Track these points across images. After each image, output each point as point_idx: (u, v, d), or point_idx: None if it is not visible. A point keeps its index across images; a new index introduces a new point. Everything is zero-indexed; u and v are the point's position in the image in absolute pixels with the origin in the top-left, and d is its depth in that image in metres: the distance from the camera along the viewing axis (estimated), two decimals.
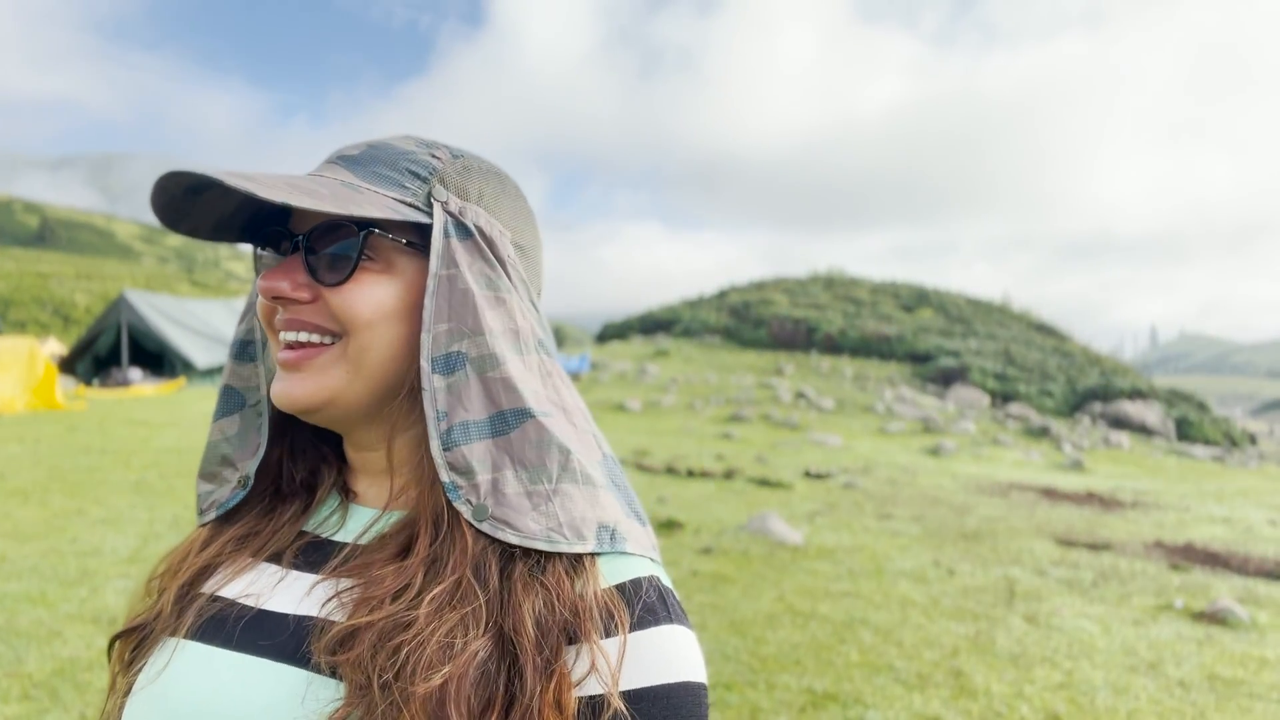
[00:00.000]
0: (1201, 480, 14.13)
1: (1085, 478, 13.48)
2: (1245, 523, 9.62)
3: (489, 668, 0.61)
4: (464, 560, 0.66)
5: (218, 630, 0.70)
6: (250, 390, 0.82)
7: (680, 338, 33.09)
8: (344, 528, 0.77)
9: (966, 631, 5.07)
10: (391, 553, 0.70)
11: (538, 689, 0.60)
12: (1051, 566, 6.87)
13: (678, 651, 0.65)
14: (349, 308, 0.72)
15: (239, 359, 0.83)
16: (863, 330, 30.40)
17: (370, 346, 0.72)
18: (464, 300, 0.72)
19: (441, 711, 0.58)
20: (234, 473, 0.81)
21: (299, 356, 0.73)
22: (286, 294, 0.72)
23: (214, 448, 0.82)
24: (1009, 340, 30.74)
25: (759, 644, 4.64)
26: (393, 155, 0.75)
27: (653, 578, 0.68)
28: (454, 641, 0.61)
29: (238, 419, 0.81)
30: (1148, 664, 4.68)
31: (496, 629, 0.62)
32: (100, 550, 5.71)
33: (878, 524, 8.29)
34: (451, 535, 0.68)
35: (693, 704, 0.64)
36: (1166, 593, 6.21)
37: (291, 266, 0.73)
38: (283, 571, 0.74)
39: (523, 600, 0.63)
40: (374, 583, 0.67)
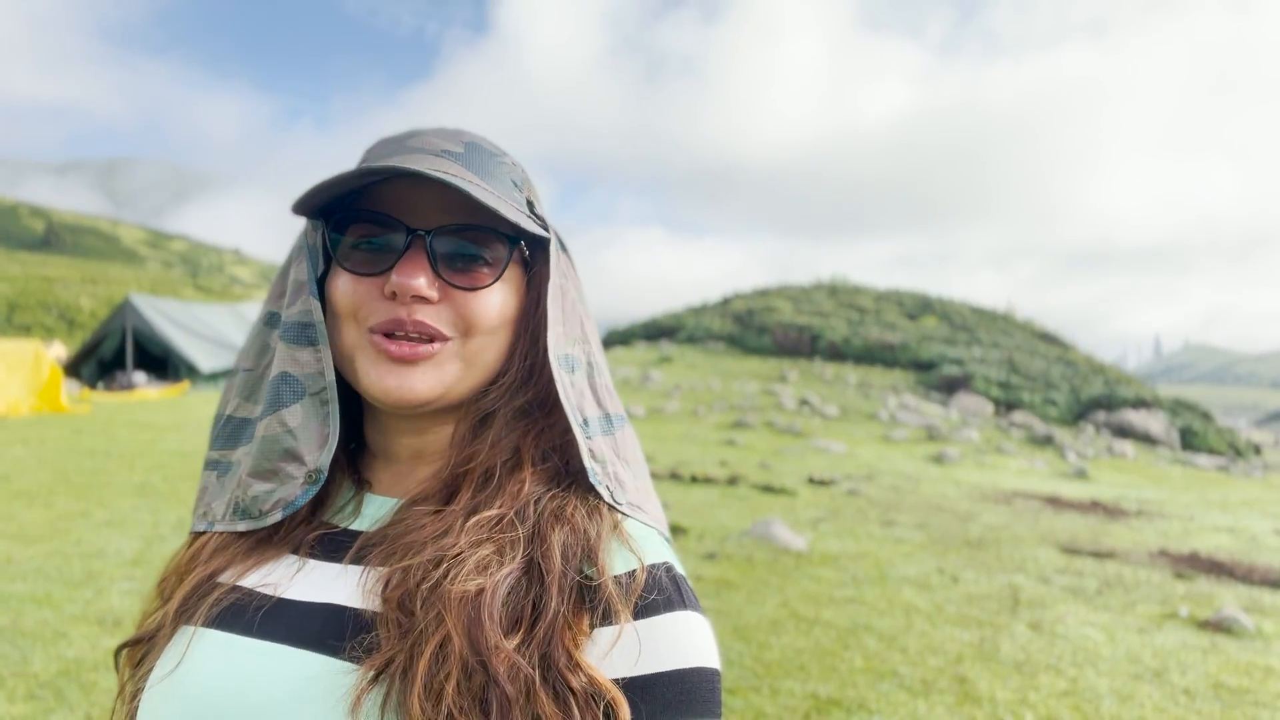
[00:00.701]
0: (1206, 490, 14.10)
1: (1089, 486, 13.45)
2: (1250, 532, 9.59)
3: (519, 588, 0.65)
4: (510, 503, 0.71)
5: (237, 618, 0.69)
6: (311, 378, 0.76)
7: (684, 344, 33.11)
8: (360, 517, 0.77)
9: (971, 638, 5.06)
10: (427, 508, 0.73)
11: (560, 607, 0.64)
12: (1056, 574, 6.85)
13: (691, 637, 0.66)
14: (481, 314, 0.74)
15: (296, 343, 0.76)
16: (866, 338, 30.39)
17: (486, 349, 0.75)
18: (573, 309, 0.80)
19: (477, 616, 0.62)
20: (300, 467, 0.75)
21: (417, 353, 0.72)
22: (423, 292, 0.71)
23: (273, 441, 0.75)
24: (1013, 349, 30.72)
25: (763, 649, 4.63)
26: (491, 159, 0.78)
27: (668, 565, 0.70)
28: (490, 562, 0.66)
29: (299, 409, 0.76)
30: (1153, 672, 4.67)
31: (528, 559, 0.67)
32: (105, 552, 5.72)
33: (881, 531, 8.28)
34: (499, 488, 0.73)
35: (705, 689, 0.65)
36: (1171, 601, 6.19)
37: (419, 263, 0.72)
38: (301, 561, 0.74)
39: (552, 532, 0.68)
40: (416, 530, 0.70)
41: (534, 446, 0.76)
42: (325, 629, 0.66)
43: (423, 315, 0.71)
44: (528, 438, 0.76)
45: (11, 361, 13.73)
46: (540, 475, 0.74)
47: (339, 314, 0.75)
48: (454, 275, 0.73)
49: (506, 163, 0.79)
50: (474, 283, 0.73)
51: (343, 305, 0.74)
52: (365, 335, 0.73)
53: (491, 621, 0.62)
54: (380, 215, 0.73)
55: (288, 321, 0.77)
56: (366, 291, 0.73)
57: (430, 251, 0.72)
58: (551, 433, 0.77)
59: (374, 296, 0.73)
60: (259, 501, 0.76)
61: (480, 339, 0.74)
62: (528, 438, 0.76)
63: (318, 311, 0.76)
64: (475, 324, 0.73)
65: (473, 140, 0.78)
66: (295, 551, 0.75)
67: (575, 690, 0.61)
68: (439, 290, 0.72)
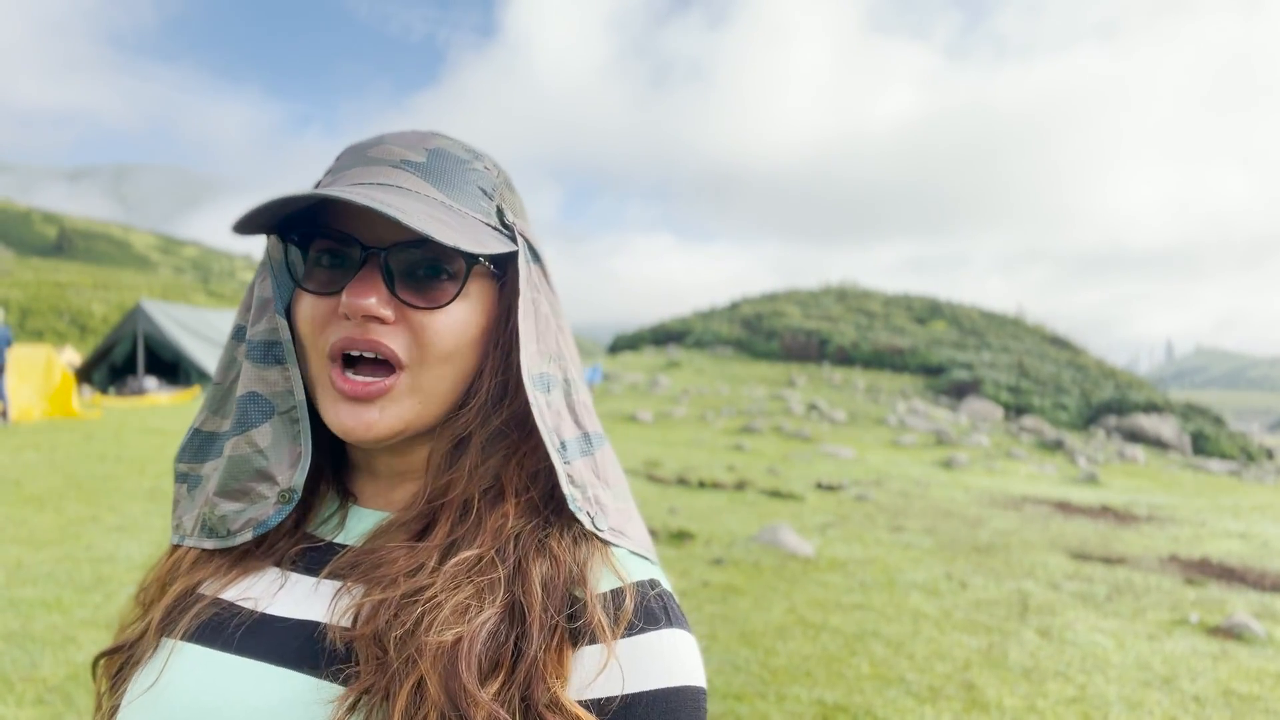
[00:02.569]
0: (1218, 495, 14.01)
1: (1100, 491, 13.38)
2: (1262, 538, 9.52)
3: (500, 631, 0.63)
4: (490, 541, 0.68)
5: (216, 634, 0.68)
6: (280, 396, 0.74)
7: (692, 349, 33.10)
8: (345, 530, 0.76)
9: (979, 644, 5.04)
10: (403, 539, 0.71)
11: (542, 645, 0.62)
12: (1065, 580, 6.82)
13: (676, 655, 0.65)
14: (439, 335, 0.70)
15: (262, 362, 0.74)
16: (875, 342, 30.33)
17: (442, 378, 0.72)
18: (546, 325, 0.76)
19: (453, 667, 0.60)
20: (272, 487, 0.73)
21: (371, 390, 0.69)
22: (374, 312, 0.67)
23: (243, 461, 0.74)
24: (1022, 353, 30.60)
25: (770, 655, 4.62)
26: (457, 167, 0.74)
27: (654, 581, 0.69)
28: (469, 605, 0.64)
29: (269, 428, 0.74)
30: (1162, 679, 4.64)
31: (510, 598, 0.65)
32: (115, 557, 5.75)
33: (889, 536, 8.25)
34: (479, 523, 0.70)
35: (690, 709, 0.64)
36: (1181, 607, 6.16)
37: (372, 282, 0.68)
38: (284, 575, 0.72)
39: (532, 566, 0.66)
40: (388, 563, 0.68)
41: (516, 474, 0.73)
42: (305, 647, 0.65)
43: (377, 334, 0.68)
44: (509, 464, 0.74)
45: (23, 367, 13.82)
46: (523, 507, 0.72)
47: (303, 339, 0.73)
48: (410, 294, 0.70)
49: (477, 168, 0.75)
50: (432, 301, 0.70)
51: (305, 329, 0.72)
52: (325, 365, 0.71)
53: (469, 672, 0.60)
54: (334, 232, 0.71)
55: (253, 340, 0.75)
56: (325, 312, 0.71)
57: (385, 269, 0.69)
58: (533, 456, 0.74)
59: (330, 318, 0.70)
60: (227, 521, 0.74)
61: (435, 367, 0.71)
62: (509, 464, 0.74)
63: (284, 330, 0.73)
64: (429, 348, 0.70)
65: (440, 147, 0.75)
66: (278, 565, 0.73)
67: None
68: (394, 309, 0.69)
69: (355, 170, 0.71)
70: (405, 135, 0.75)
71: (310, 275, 0.72)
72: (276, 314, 0.74)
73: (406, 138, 0.75)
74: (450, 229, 0.67)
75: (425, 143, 0.75)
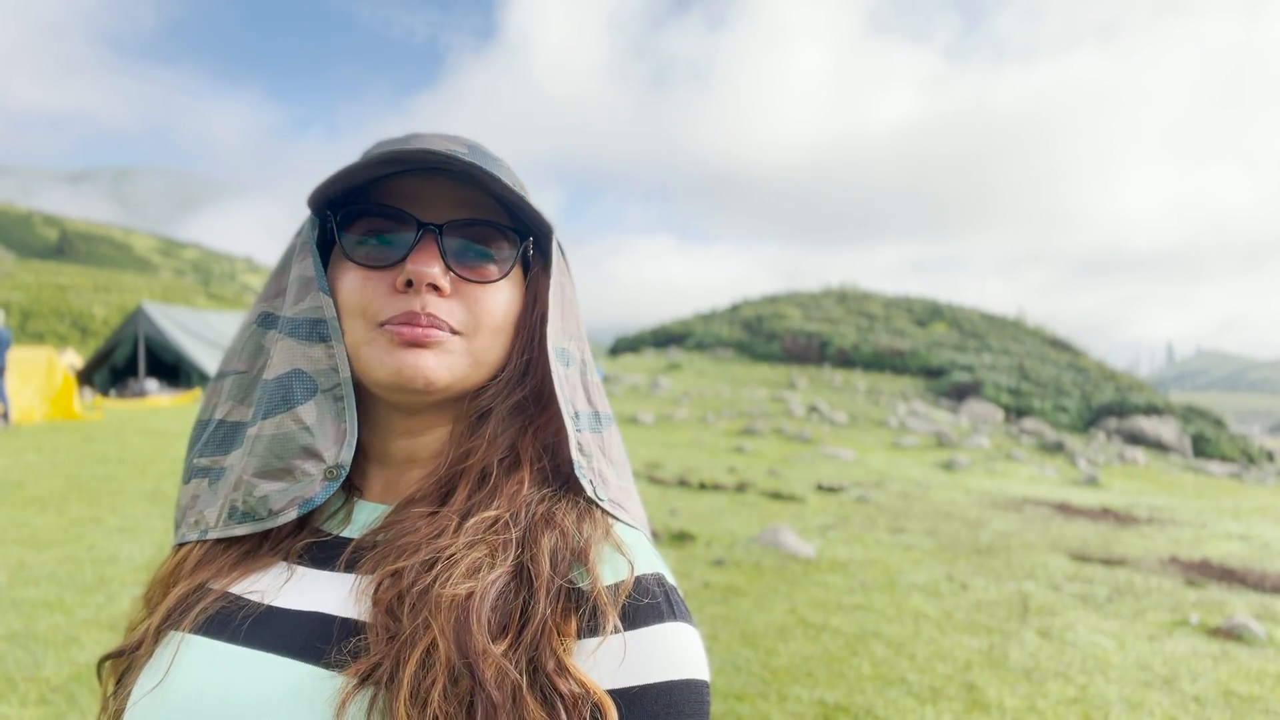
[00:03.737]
0: (1218, 497, 14.01)
1: (1100, 493, 13.38)
2: (1262, 539, 9.53)
3: (509, 592, 0.65)
4: (507, 504, 0.71)
5: (224, 626, 0.69)
6: (324, 374, 0.74)
7: (693, 351, 33.09)
8: (351, 523, 0.76)
9: (979, 645, 5.04)
10: (422, 509, 0.73)
11: (548, 612, 0.64)
12: (1066, 581, 6.82)
13: (680, 649, 0.66)
14: (490, 309, 0.75)
15: (308, 339, 0.74)
16: (876, 344, 30.32)
17: (492, 348, 0.76)
18: (570, 307, 0.81)
19: (465, 619, 0.62)
20: (319, 464, 0.73)
21: (429, 335, 0.71)
22: (438, 280, 0.71)
23: (287, 439, 0.73)
24: (1023, 355, 30.59)
25: (770, 656, 4.63)
26: (495, 161, 0.78)
27: (659, 575, 0.70)
28: (481, 565, 0.66)
29: (313, 406, 0.74)
30: (1163, 680, 4.65)
31: (518, 563, 0.67)
32: (117, 558, 5.76)
33: (890, 538, 8.26)
34: (496, 489, 0.73)
35: (694, 702, 0.65)
36: (1182, 608, 6.16)
37: (433, 254, 0.72)
38: (289, 569, 0.73)
39: (541, 536, 0.68)
40: (411, 532, 0.70)
41: (531, 444, 0.77)
42: (312, 637, 0.66)
43: (435, 308, 0.71)
44: (525, 435, 0.77)
45: (25, 369, 13.83)
46: (536, 476, 0.74)
47: (346, 311, 0.74)
48: (465, 270, 0.74)
49: (505, 166, 0.80)
50: (483, 277, 0.74)
51: (350, 301, 0.73)
52: (374, 330, 0.72)
53: (479, 625, 0.62)
54: (390, 209, 0.73)
55: (296, 318, 0.75)
56: (375, 287, 0.73)
57: (441, 245, 0.73)
58: (546, 430, 0.78)
59: (383, 291, 0.72)
60: (269, 501, 0.73)
61: (487, 338, 0.75)
62: (525, 435, 0.77)
63: (329, 307, 0.74)
64: (483, 319, 0.74)
65: (475, 144, 0.80)
66: (285, 559, 0.74)
67: (563, 694, 0.61)
68: (450, 282, 0.73)
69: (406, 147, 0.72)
70: (439, 134, 0.80)
71: (357, 251, 0.74)
72: (321, 291, 0.75)
73: (442, 135, 0.79)
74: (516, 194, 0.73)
75: (461, 139, 0.80)
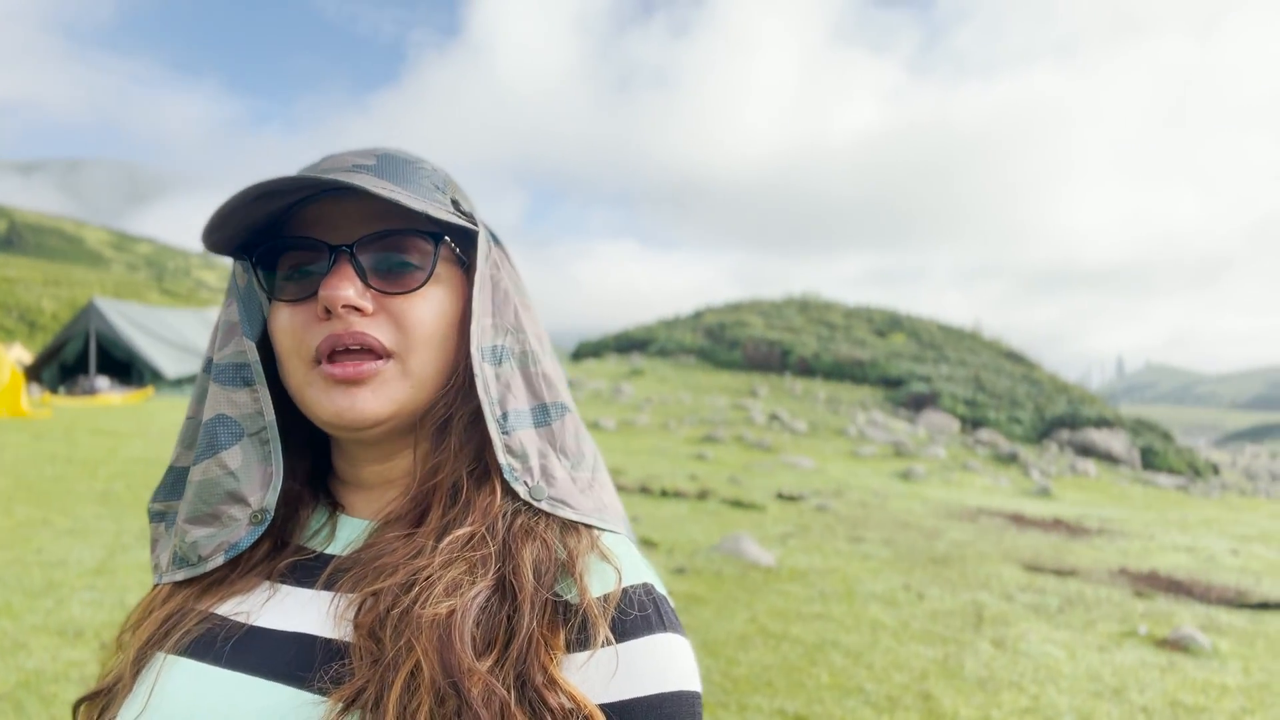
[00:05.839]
0: (1166, 509, 14.37)
1: (1052, 504, 13.65)
2: (1208, 552, 9.79)
3: (492, 606, 0.65)
4: (480, 519, 0.70)
5: (207, 648, 0.68)
6: (249, 418, 0.74)
7: (655, 357, 33.16)
8: (334, 540, 0.76)
9: (935, 655, 5.12)
10: (398, 532, 0.72)
11: (534, 624, 0.64)
12: (1019, 592, 6.95)
13: (671, 660, 0.66)
14: (418, 319, 0.72)
15: (231, 384, 0.75)
16: (836, 354, 30.65)
17: (428, 362, 0.73)
18: (505, 300, 0.78)
19: (448, 638, 0.61)
20: (244, 509, 0.73)
21: (361, 371, 0.70)
22: (353, 301, 0.69)
23: (213, 485, 0.73)
24: (979, 367, 31.12)
25: (731, 665, 4.66)
26: (406, 167, 0.77)
27: (647, 585, 0.70)
28: (461, 582, 0.65)
29: (238, 450, 0.74)
30: (1112, 690, 4.76)
31: (499, 576, 0.66)
32: (66, 561, 5.62)
33: (849, 547, 8.35)
34: (469, 504, 0.71)
35: (685, 714, 0.65)
36: (1131, 619, 6.31)
37: (346, 275, 0.70)
38: (273, 588, 0.72)
39: (523, 548, 0.67)
40: (387, 554, 0.69)
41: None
42: (296, 659, 0.65)
43: (360, 327, 0.70)
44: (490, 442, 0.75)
45: None
46: (506, 484, 0.73)
47: (283, 353, 0.74)
48: (384, 283, 0.72)
49: (425, 168, 0.78)
50: (404, 286, 0.72)
51: (285, 342, 0.73)
52: (311, 369, 0.72)
53: (463, 643, 0.61)
54: (300, 239, 0.73)
55: (220, 363, 0.75)
56: (304, 320, 0.72)
57: (356, 264, 0.71)
58: None
59: (310, 323, 0.72)
60: (198, 547, 0.73)
61: (422, 352, 0.73)
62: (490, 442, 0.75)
63: (252, 352, 0.74)
64: (412, 332, 0.72)
65: (386, 152, 0.77)
66: (267, 577, 0.74)
67: (552, 709, 0.60)
68: (372, 300, 0.71)
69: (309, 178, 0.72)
70: (353, 150, 0.78)
71: (282, 289, 0.74)
72: (245, 336, 0.75)
73: (354, 150, 0.78)
74: (412, 200, 0.70)
75: (373, 152, 0.77)
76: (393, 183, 0.73)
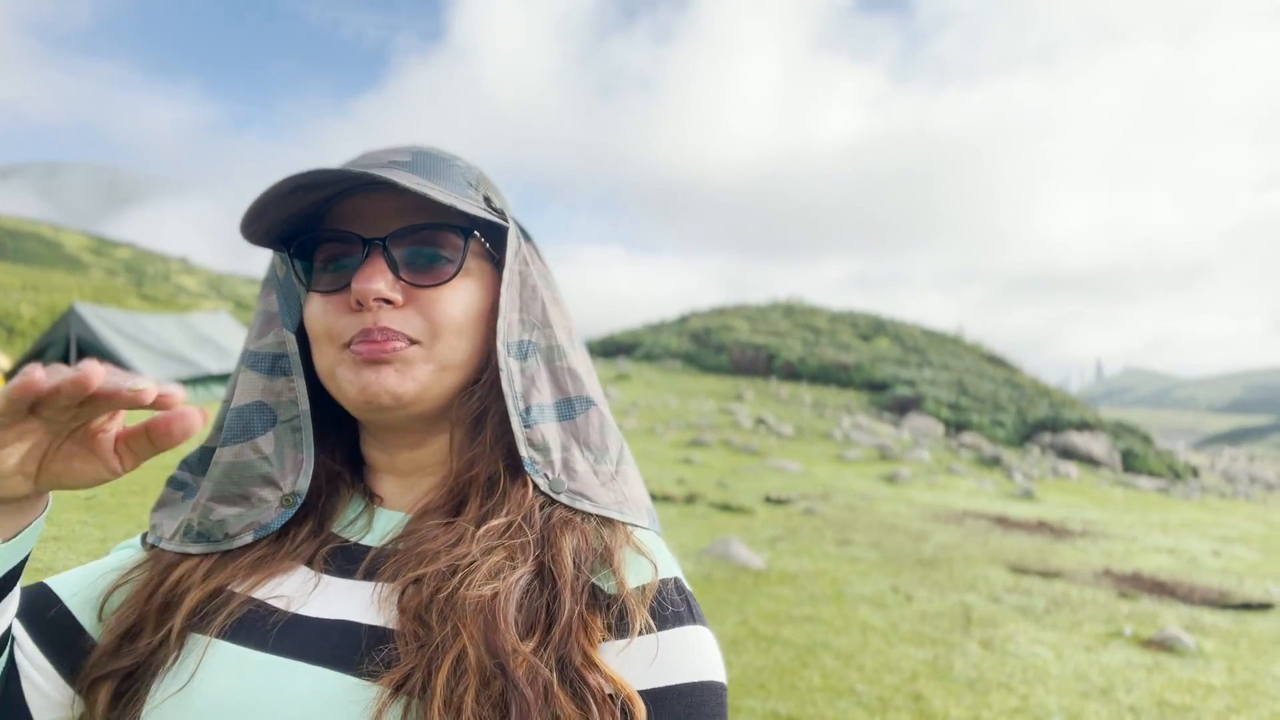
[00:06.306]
0: (1147, 511, 14.51)
1: (1036, 507, 13.76)
2: (1189, 553, 9.90)
3: (533, 591, 0.67)
4: (517, 510, 0.72)
5: (251, 632, 0.69)
6: (284, 406, 0.77)
7: (641, 362, 33.20)
8: (371, 532, 0.78)
9: (925, 656, 5.16)
10: (438, 520, 0.74)
11: (575, 608, 0.66)
12: (1005, 593, 7.01)
13: (701, 651, 0.68)
14: (445, 312, 0.74)
15: (270, 374, 0.78)
16: (821, 358, 30.78)
17: (455, 349, 0.75)
18: (533, 295, 0.80)
19: (492, 619, 0.63)
20: (275, 491, 0.76)
21: (384, 350, 0.72)
22: (384, 294, 0.71)
23: (245, 467, 0.76)
24: (962, 371, 31.33)
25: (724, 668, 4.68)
26: (441, 164, 0.79)
27: (678, 580, 0.72)
28: (502, 567, 0.67)
29: (272, 436, 0.77)
30: (1100, 690, 4.81)
31: (539, 563, 0.68)
32: (53, 568, 5.48)
33: (837, 550, 8.39)
34: (505, 495, 0.73)
35: (714, 703, 0.67)
36: (1116, 620, 6.38)
37: (378, 268, 0.72)
38: (316, 576, 0.73)
39: (561, 537, 0.70)
40: (428, 541, 0.71)
41: None
42: (340, 645, 0.66)
43: (388, 320, 0.72)
44: None
45: None
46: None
47: (316, 338, 0.76)
48: (415, 276, 0.74)
49: (459, 165, 0.80)
50: (435, 279, 0.74)
51: (317, 328, 0.75)
52: (341, 352, 0.74)
53: (507, 625, 0.63)
54: (336, 232, 0.75)
55: (259, 352, 0.78)
56: (336, 310, 0.74)
57: (389, 257, 0.73)
58: None
59: (343, 313, 0.73)
60: (225, 525, 0.75)
61: (449, 340, 0.74)
62: None
63: (291, 343, 0.77)
64: (440, 323, 0.73)
65: (422, 150, 0.79)
66: (309, 565, 0.75)
67: (593, 690, 0.62)
68: (403, 292, 0.73)
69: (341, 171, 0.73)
70: (389, 147, 0.80)
71: (318, 280, 0.76)
72: (284, 328, 0.78)
73: (390, 148, 0.79)
74: (443, 195, 0.72)
75: (409, 149, 0.79)
76: (426, 179, 0.75)
